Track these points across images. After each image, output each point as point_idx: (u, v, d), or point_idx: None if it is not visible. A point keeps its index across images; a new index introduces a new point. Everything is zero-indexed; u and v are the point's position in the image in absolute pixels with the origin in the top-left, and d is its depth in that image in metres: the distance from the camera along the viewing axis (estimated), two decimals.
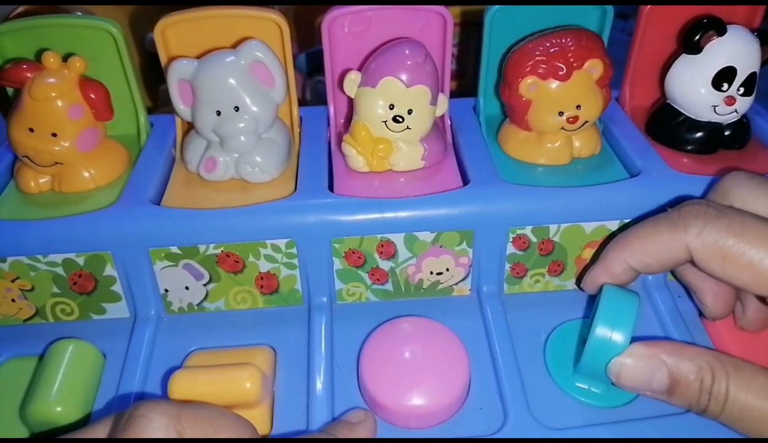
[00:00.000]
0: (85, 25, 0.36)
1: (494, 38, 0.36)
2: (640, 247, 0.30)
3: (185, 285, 0.34)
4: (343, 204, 0.33)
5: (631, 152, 0.36)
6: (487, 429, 0.30)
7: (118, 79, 0.37)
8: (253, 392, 0.28)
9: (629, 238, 0.30)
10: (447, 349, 0.31)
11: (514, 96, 0.35)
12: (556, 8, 0.36)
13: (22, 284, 0.34)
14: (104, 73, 0.36)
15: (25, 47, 0.36)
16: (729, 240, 0.27)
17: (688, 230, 0.28)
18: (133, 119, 0.39)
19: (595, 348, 0.29)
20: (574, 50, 0.33)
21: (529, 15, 0.36)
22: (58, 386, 0.30)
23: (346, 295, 0.35)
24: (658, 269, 0.30)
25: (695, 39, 0.35)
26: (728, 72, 0.35)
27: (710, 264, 0.28)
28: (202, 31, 0.35)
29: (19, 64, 0.33)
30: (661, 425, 0.30)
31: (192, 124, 0.35)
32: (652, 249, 0.29)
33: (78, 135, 0.34)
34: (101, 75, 0.36)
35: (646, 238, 0.29)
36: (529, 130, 0.36)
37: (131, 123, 0.39)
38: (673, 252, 0.28)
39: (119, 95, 0.37)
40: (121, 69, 0.37)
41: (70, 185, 0.35)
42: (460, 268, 0.35)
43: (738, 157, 0.37)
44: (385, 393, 0.29)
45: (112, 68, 0.37)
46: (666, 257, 0.29)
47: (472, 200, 0.33)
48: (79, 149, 0.34)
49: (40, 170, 0.35)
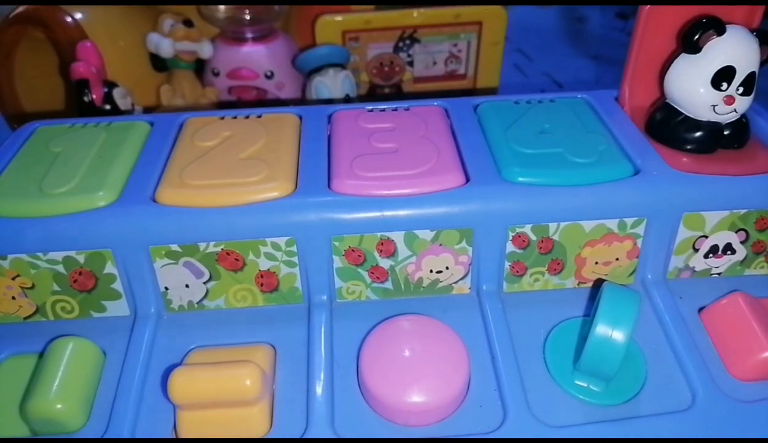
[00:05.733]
0: None
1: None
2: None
3: (185, 283, 0.34)
4: (343, 202, 0.33)
5: (630, 151, 0.36)
6: (487, 427, 0.30)
7: None
8: (252, 389, 0.28)
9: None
10: (447, 347, 0.31)
11: None
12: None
13: (23, 281, 0.34)
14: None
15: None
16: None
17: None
18: None
19: (595, 347, 0.29)
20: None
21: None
22: (58, 383, 0.30)
23: (346, 293, 0.36)
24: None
25: (694, 39, 0.35)
26: (727, 71, 0.35)
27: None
28: None
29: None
30: (660, 424, 0.30)
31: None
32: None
33: None
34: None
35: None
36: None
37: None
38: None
39: None
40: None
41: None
42: (460, 266, 0.35)
43: (737, 156, 0.37)
44: (385, 390, 0.29)
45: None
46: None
47: (471, 198, 0.33)
48: None
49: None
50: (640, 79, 0.40)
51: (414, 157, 0.36)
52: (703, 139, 0.37)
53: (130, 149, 0.38)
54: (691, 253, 0.36)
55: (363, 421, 0.30)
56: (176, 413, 0.29)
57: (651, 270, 0.36)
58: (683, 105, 0.37)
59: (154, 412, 0.31)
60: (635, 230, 0.35)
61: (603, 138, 0.37)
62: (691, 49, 0.35)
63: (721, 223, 0.35)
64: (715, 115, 0.36)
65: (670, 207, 0.34)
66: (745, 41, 0.35)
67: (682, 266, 0.37)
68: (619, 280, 0.36)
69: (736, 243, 0.36)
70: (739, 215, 0.35)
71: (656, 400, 0.31)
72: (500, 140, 0.37)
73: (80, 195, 0.34)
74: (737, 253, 0.37)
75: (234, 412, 0.29)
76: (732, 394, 0.31)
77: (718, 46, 0.35)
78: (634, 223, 0.34)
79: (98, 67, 0.56)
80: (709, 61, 0.35)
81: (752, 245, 0.36)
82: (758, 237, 0.36)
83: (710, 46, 0.35)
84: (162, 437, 0.30)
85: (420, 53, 0.71)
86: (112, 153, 0.37)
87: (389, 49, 0.70)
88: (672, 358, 0.33)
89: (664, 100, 0.38)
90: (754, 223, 0.35)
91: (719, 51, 0.35)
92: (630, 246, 0.35)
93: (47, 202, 0.34)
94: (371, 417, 0.30)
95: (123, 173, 0.36)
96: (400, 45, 0.70)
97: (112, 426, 0.30)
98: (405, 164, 0.35)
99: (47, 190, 0.34)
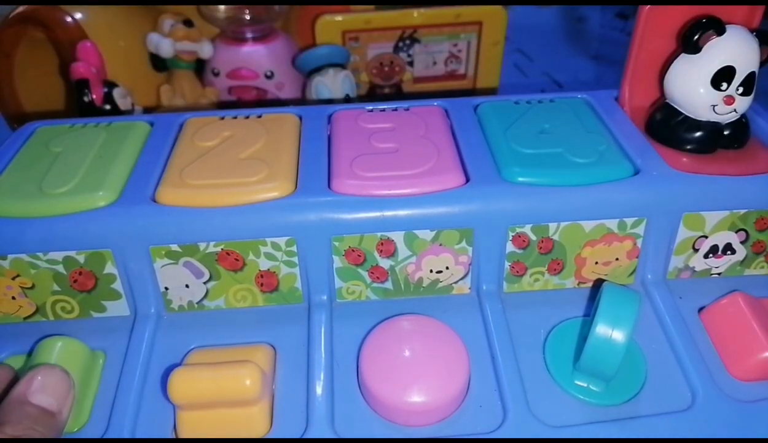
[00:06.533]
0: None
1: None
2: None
3: (185, 283, 0.34)
4: (343, 202, 0.33)
5: (630, 151, 0.36)
6: (487, 427, 0.30)
7: None
8: (252, 389, 0.28)
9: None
10: (447, 347, 0.31)
11: None
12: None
13: (23, 281, 0.34)
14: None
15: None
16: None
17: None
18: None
19: (595, 347, 0.29)
20: None
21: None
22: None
23: (346, 293, 0.36)
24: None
25: (694, 39, 0.35)
26: (727, 72, 0.35)
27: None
28: None
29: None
30: (660, 424, 0.30)
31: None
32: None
33: None
34: None
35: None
36: None
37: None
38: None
39: None
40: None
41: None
42: (460, 266, 0.35)
43: (737, 156, 0.37)
44: (385, 390, 0.29)
45: None
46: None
47: (471, 198, 0.33)
48: None
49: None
50: (640, 79, 0.40)
51: (414, 157, 0.36)
52: (703, 139, 0.37)
53: (130, 149, 0.38)
54: (691, 253, 0.36)
55: (363, 421, 0.30)
56: (176, 413, 0.29)
57: (651, 270, 0.36)
58: (683, 105, 0.37)
59: (154, 412, 0.31)
60: (635, 230, 0.35)
61: (603, 138, 0.37)
62: (691, 49, 0.35)
63: (721, 223, 0.35)
64: (715, 115, 0.36)
65: (670, 207, 0.34)
66: (744, 41, 0.35)
67: (682, 266, 0.37)
68: (619, 280, 0.36)
69: (736, 243, 0.36)
70: (739, 215, 0.35)
71: (656, 400, 0.31)
72: (500, 140, 0.37)
73: (80, 195, 0.34)
74: (737, 253, 0.37)
75: (234, 412, 0.29)
76: (732, 394, 0.31)
77: (717, 46, 0.35)
78: (634, 223, 0.34)
79: (98, 67, 0.56)
80: (709, 62, 0.35)
81: (752, 245, 0.36)
82: (758, 237, 0.36)
83: (710, 47, 0.35)
84: (162, 437, 0.30)
85: (420, 53, 0.71)
86: (112, 153, 0.37)
87: (389, 49, 0.70)
88: (672, 358, 0.33)
89: (664, 100, 0.38)
90: (754, 223, 0.35)
91: (719, 51, 0.35)
92: (630, 246, 0.35)
93: (47, 202, 0.34)
94: (371, 417, 0.30)
95: (123, 173, 0.36)
96: (400, 45, 0.70)
97: (112, 426, 0.30)
98: (405, 164, 0.35)
99: (47, 190, 0.34)
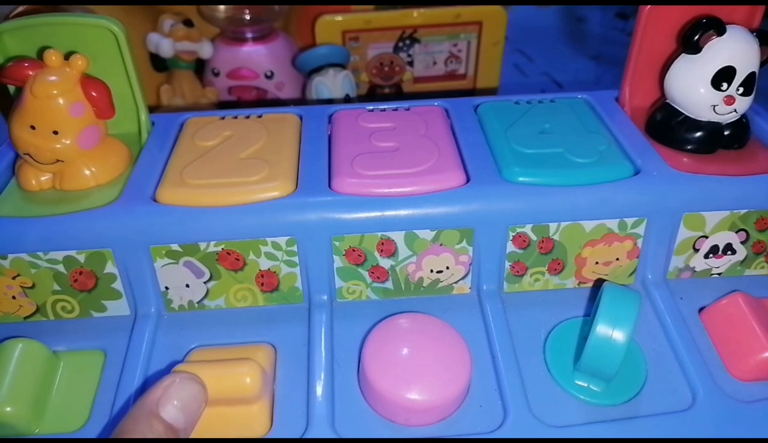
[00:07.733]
0: (87, 23, 0.36)
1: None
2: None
3: (186, 283, 0.34)
4: (343, 202, 0.33)
5: (631, 151, 0.36)
6: (487, 427, 0.30)
7: (120, 77, 0.37)
8: (252, 387, 0.28)
9: None
10: (449, 346, 0.31)
11: None
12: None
13: (23, 281, 0.34)
14: (106, 71, 0.36)
15: (27, 46, 0.36)
16: None
17: None
18: (135, 117, 0.39)
19: (595, 347, 0.29)
20: None
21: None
22: (7, 385, 0.29)
23: (347, 293, 0.36)
24: None
25: (695, 39, 0.35)
26: (727, 72, 0.35)
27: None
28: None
29: (21, 62, 0.33)
30: (660, 423, 0.30)
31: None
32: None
33: (79, 133, 0.34)
34: (103, 73, 0.36)
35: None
36: None
37: (132, 122, 0.39)
38: None
39: (120, 93, 0.37)
40: (122, 67, 0.37)
41: (71, 183, 0.35)
42: (460, 266, 0.35)
43: (737, 156, 0.37)
44: (387, 386, 0.29)
45: (113, 67, 0.37)
46: None
47: (472, 198, 0.34)
48: (80, 147, 0.34)
49: (41, 168, 0.35)
50: (640, 79, 0.40)
51: (414, 156, 0.36)
52: (703, 139, 0.37)
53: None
54: (691, 253, 0.36)
55: (363, 421, 0.30)
56: None
57: (651, 270, 0.36)
58: (683, 105, 0.37)
59: None
60: (635, 230, 0.35)
61: (603, 138, 0.37)
62: (692, 50, 0.35)
63: (722, 223, 0.35)
64: (715, 115, 0.36)
65: (670, 207, 0.34)
66: (745, 41, 0.35)
67: (682, 266, 0.37)
68: (619, 280, 0.36)
69: (736, 243, 0.36)
70: (739, 216, 0.35)
71: (656, 400, 0.31)
72: (500, 140, 0.37)
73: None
74: (737, 253, 0.37)
75: (234, 410, 0.29)
76: (732, 394, 0.31)
77: (718, 46, 0.35)
78: (635, 223, 0.35)
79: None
80: (709, 62, 0.35)
81: (752, 246, 0.36)
82: (758, 237, 0.36)
83: (710, 47, 0.35)
84: None
85: (420, 53, 0.71)
86: None
87: (389, 49, 0.70)
88: (672, 358, 0.33)
89: (664, 100, 0.38)
90: (755, 223, 0.35)
91: (719, 51, 0.35)
92: (630, 246, 0.35)
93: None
94: (371, 417, 0.30)
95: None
96: (400, 45, 0.70)
97: (112, 426, 0.30)
98: (405, 163, 0.35)
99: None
